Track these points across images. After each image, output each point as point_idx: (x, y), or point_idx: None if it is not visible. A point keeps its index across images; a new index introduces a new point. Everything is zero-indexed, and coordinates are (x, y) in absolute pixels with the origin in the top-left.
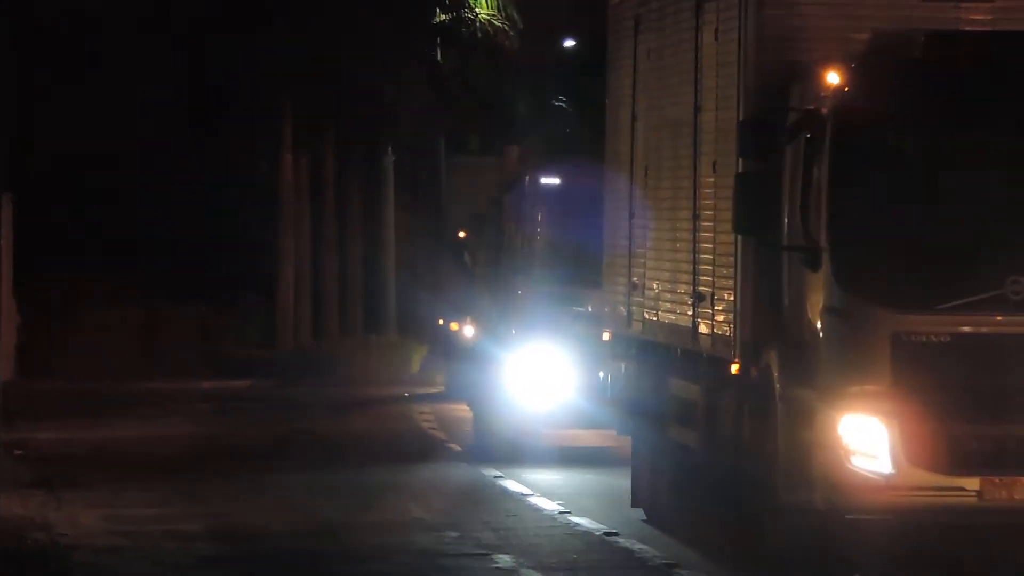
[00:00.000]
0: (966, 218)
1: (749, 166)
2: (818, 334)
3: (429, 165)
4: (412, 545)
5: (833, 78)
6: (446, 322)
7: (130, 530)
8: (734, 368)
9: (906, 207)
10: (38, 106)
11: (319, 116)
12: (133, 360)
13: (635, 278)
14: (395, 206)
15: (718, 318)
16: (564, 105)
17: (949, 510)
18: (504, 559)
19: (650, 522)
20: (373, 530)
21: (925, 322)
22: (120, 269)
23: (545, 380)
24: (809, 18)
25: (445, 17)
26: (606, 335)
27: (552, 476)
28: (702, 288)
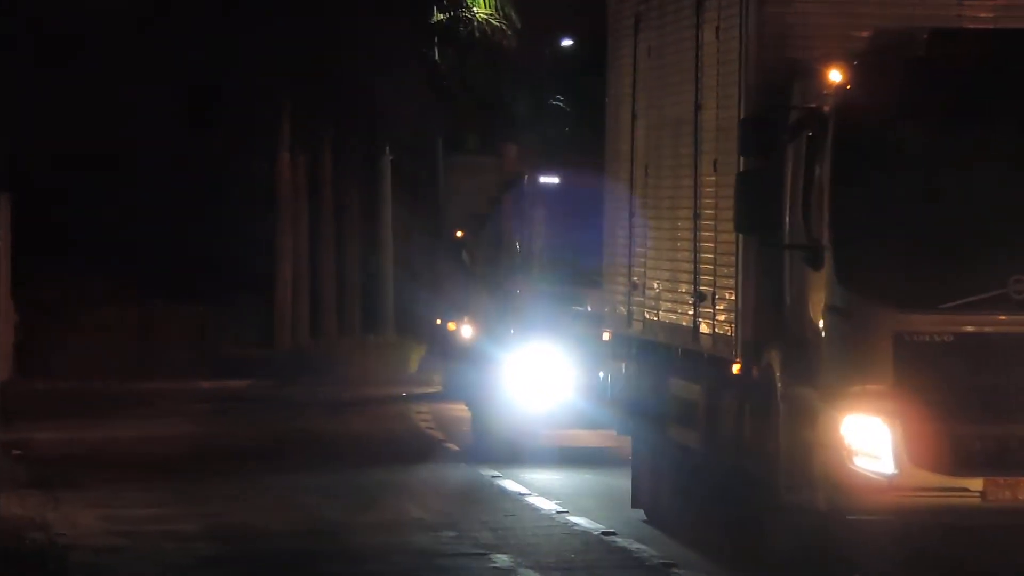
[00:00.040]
0: (969, 217)
1: (750, 164)
2: (820, 333)
3: (427, 164)
4: (410, 545)
5: (835, 76)
6: (444, 322)
7: (128, 530)
8: (735, 368)
9: (908, 206)
10: (36, 106)
11: (317, 115)
12: (131, 360)
13: (635, 277)
14: (393, 205)
15: (719, 317)
16: (562, 105)
17: (952, 511)
18: (502, 559)
19: (651, 523)
20: (371, 530)
21: (928, 321)
22: (118, 269)
23: (544, 380)
24: (810, 15)
25: (443, 16)
26: (606, 335)
27: (550, 476)
28: (703, 287)
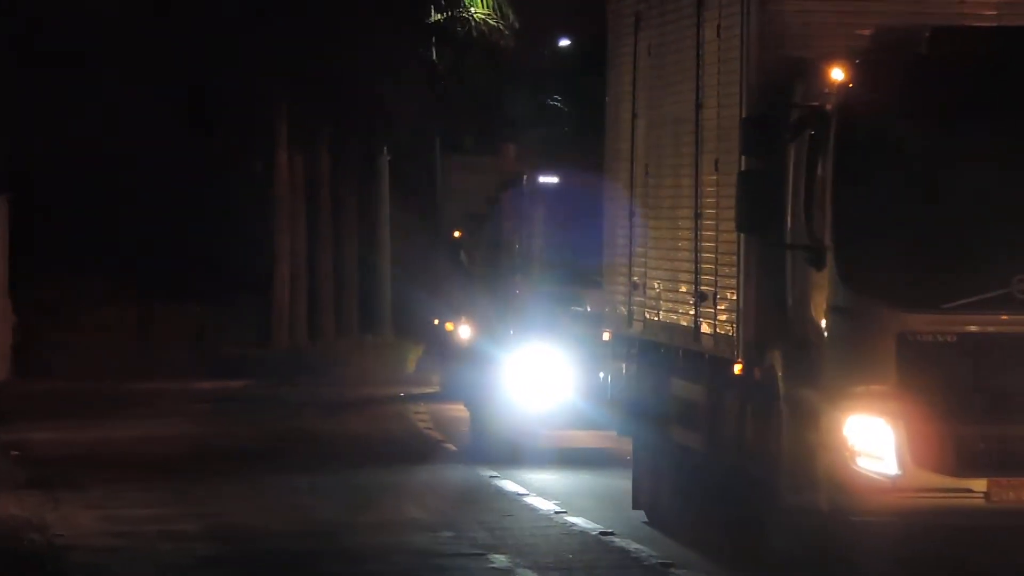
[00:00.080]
0: (972, 216)
1: (752, 164)
2: (822, 334)
3: (424, 164)
4: (408, 545)
5: (837, 74)
6: (441, 322)
7: (126, 531)
8: (737, 368)
9: (911, 205)
10: (34, 106)
11: (314, 116)
12: (129, 360)
13: (636, 277)
14: (390, 205)
15: (721, 318)
16: (559, 105)
17: (956, 512)
18: (500, 559)
19: (651, 524)
20: (369, 530)
21: (931, 321)
22: (116, 269)
23: (543, 381)
24: (812, 13)
25: (440, 16)
26: (606, 335)
27: (549, 477)
28: (704, 287)
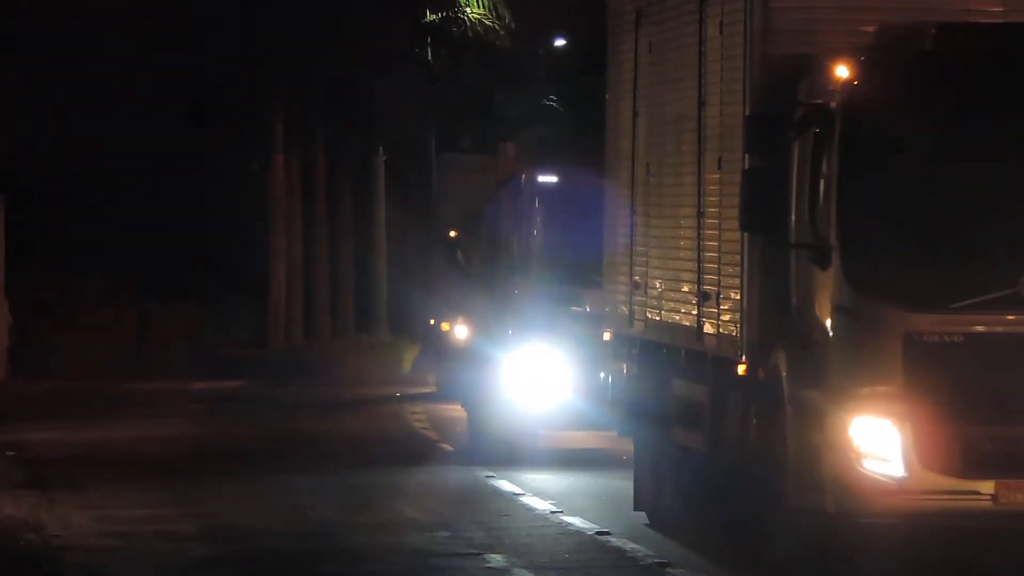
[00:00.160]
0: (979, 214)
1: (756, 162)
2: (828, 334)
3: (420, 164)
4: (405, 545)
5: (842, 71)
6: (437, 322)
7: (123, 531)
8: (741, 369)
9: (917, 203)
10: (31, 107)
11: (310, 116)
12: (125, 360)
13: (637, 277)
14: (386, 205)
15: (724, 318)
16: (555, 104)
17: (963, 514)
18: (496, 559)
19: (653, 525)
20: (366, 530)
21: (938, 321)
22: (112, 269)
23: (542, 381)
24: (816, 10)
25: (436, 17)
26: (607, 335)
27: (546, 477)
28: (707, 287)
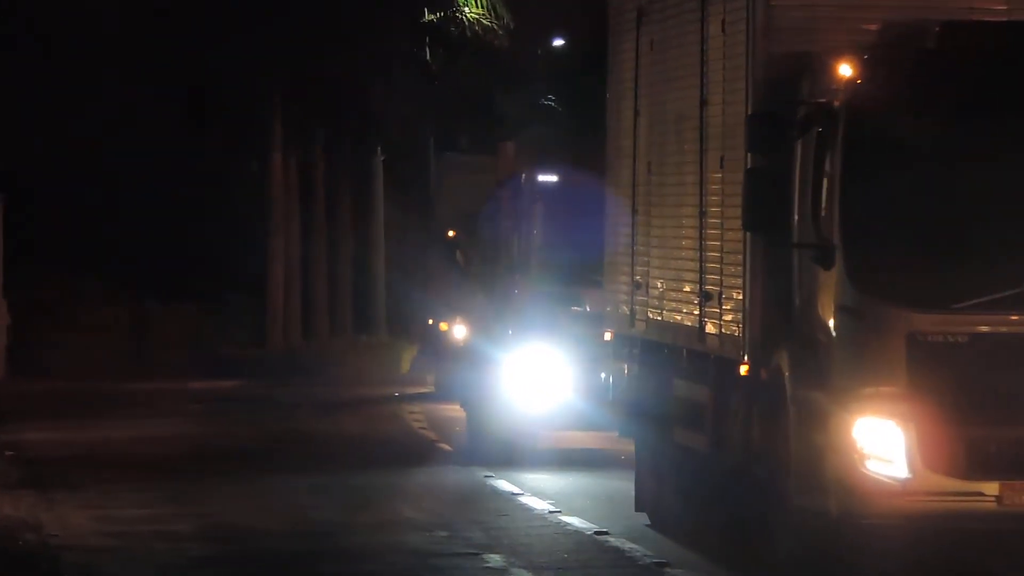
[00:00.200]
0: (983, 214)
1: (758, 161)
2: (831, 334)
3: (418, 164)
4: (403, 545)
5: (845, 70)
6: (436, 322)
7: (121, 531)
8: (743, 369)
9: (921, 202)
10: (30, 106)
11: (309, 116)
12: (123, 360)
13: (638, 276)
14: (385, 205)
15: (726, 318)
16: (553, 104)
17: (967, 516)
18: (494, 558)
19: (654, 527)
20: (364, 530)
21: (942, 322)
22: (110, 269)
23: (542, 381)
24: (819, 8)
25: (434, 17)
26: (608, 335)
27: (544, 477)
28: (709, 287)
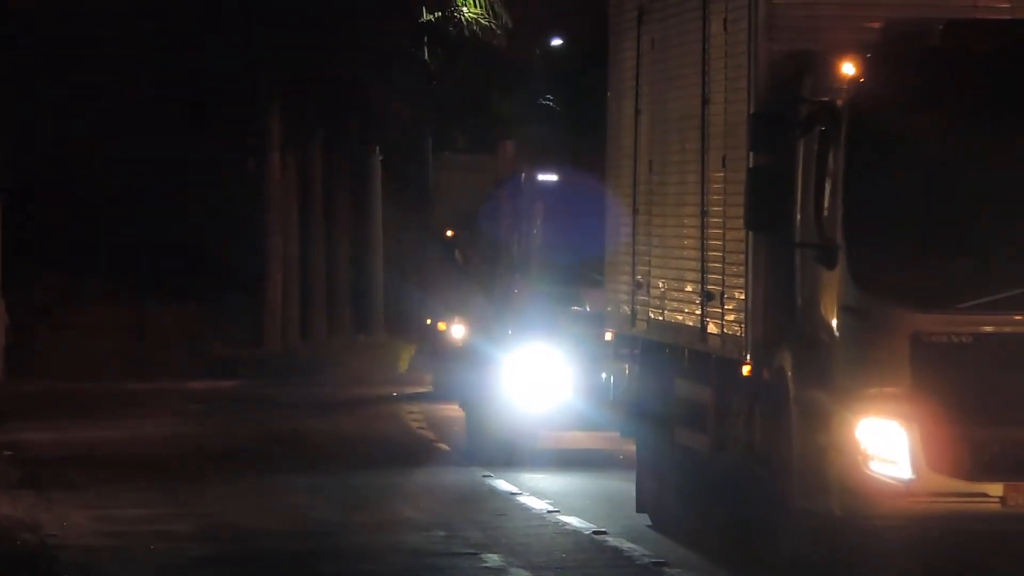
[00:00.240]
0: (987, 213)
1: (761, 160)
2: (834, 334)
3: (417, 163)
4: (402, 545)
5: (848, 68)
6: (434, 321)
7: (119, 531)
8: (745, 369)
9: (925, 202)
10: (30, 107)
11: (307, 115)
12: (122, 360)
13: (639, 276)
14: (383, 205)
15: (728, 317)
16: (551, 104)
17: (971, 517)
18: (493, 558)
19: (655, 527)
20: (362, 530)
21: (946, 322)
22: (108, 270)
23: (542, 381)
24: (821, 6)
25: (432, 16)
26: (609, 335)
27: (543, 477)
28: (711, 286)
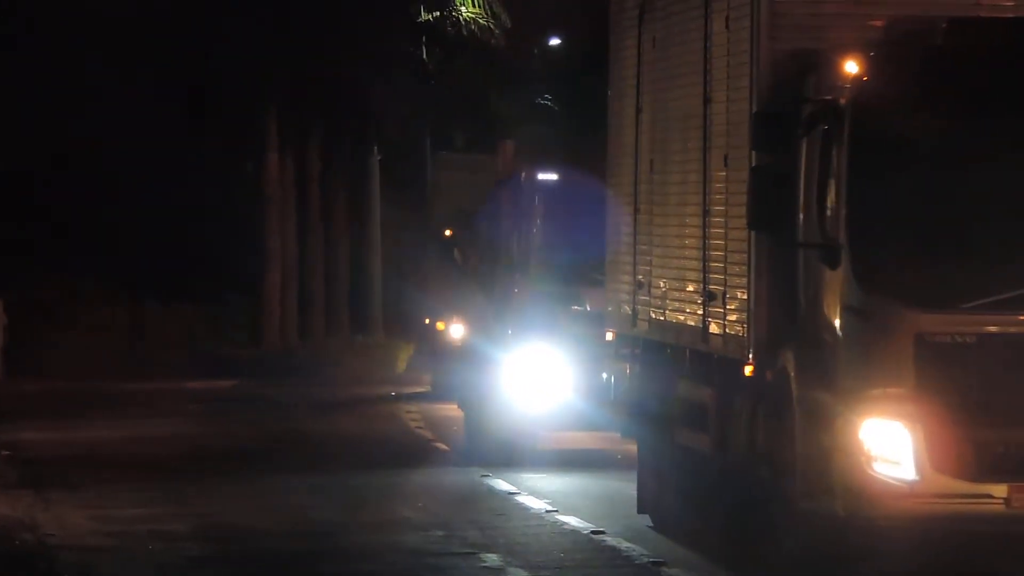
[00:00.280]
0: (992, 212)
1: (763, 159)
2: (837, 335)
3: (415, 163)
4: (400, 545)
5: (851, 67)
6: (432, 321)
7: (118, 530)
8: (748, 370)
9: (928, 201)
10: (28, 106)
11: (305, 115)
12: (120, 360)
13: (640, 276)
14: (381, 204)
15: (730, 318)
16: (550, 103)
17: (975, 518)
18: (491, 558)
19: (656, 528)
20: (361, 530)
21: (950, 322)
22: (107, 270)
23: (542, 381)
24: (824, 4)
25: (430, 16)
26: (609, 335)
27: (542, 477)
28: (713, 286)
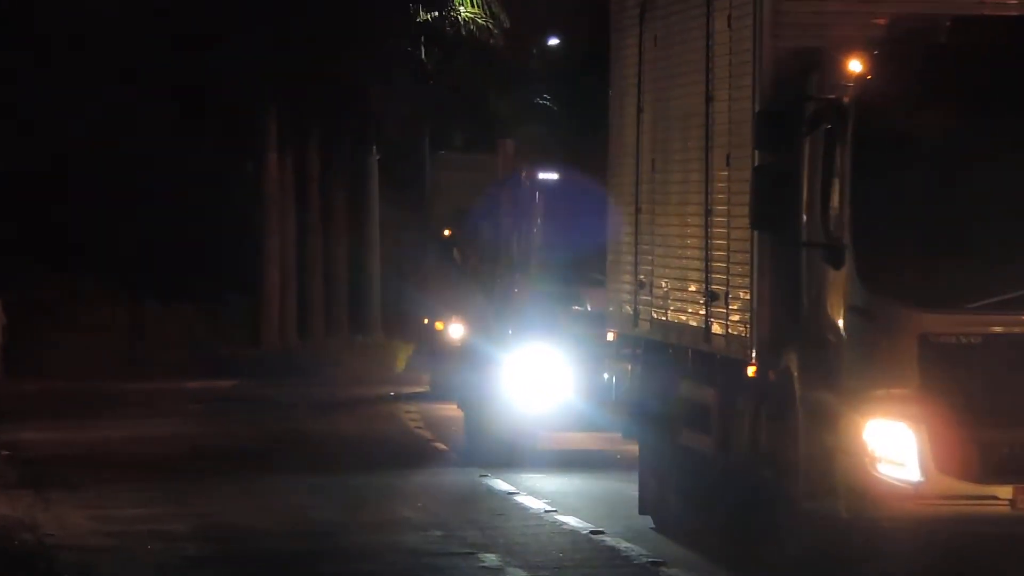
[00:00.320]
0: (996, 212)
1: (766, 159)
2: (841, 335)
3: (414, 163)
4: (399, 544)
5: (854, 65)
6: (431, 321)
7: (117, 530)
8: (751, 370)
9: (933, 201)
10: (28, 106)
11: (304, 115)
12: (120, 360)
13: (642, 276)
14: (380, 204)
15: (733, 318)
16: (549, 103)
17: (980, 519)
18: (490, 558)
19: (658, 529)
20: (361, 530)
21: (954, 322)
22: (106, 270)
23: (543, 381)
24: (827, 2)
25: (429, 16)
26: (611, 335)
27: (541, 477)
28: (715, 286)
